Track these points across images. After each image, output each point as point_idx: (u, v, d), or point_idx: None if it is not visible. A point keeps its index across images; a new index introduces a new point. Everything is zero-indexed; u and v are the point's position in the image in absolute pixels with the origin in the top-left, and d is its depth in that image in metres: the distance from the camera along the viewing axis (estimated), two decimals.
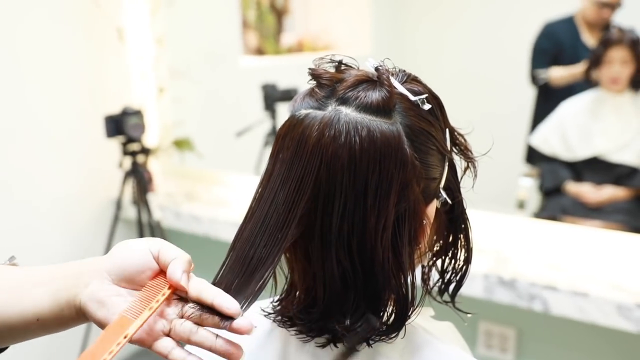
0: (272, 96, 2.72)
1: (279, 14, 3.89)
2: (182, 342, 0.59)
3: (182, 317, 0.59)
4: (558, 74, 2.73)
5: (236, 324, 0.56)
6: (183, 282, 0.58)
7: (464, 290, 1.74)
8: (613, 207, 2.41)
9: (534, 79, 2.83)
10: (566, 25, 2.76)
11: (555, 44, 2.79)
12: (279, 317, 0.65)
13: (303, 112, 0.62)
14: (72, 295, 0.60)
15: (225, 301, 0.56)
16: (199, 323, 0.57)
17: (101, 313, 0.59)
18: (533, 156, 2.77)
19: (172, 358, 0.58)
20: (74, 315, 0.61)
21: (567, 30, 2.74)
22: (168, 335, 0.59)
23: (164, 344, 0.58)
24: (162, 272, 0.61)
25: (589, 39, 2.71)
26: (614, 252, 1.75)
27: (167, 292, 0.59)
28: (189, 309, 0.58)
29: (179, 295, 0.60)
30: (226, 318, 0.56)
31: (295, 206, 0.60)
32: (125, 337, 0.56)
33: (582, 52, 2.70)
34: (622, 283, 1.57)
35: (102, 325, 0.59)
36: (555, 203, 2.53)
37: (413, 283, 0.62)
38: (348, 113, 0.59)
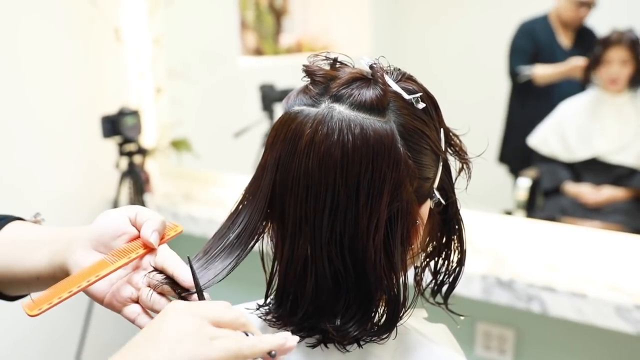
0: (270, 97, 2.71)
1: (278, 14, 3.88)
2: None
3: (148, 285, 0.63)
4: (543, 71, 2.73)
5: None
6: (152, 240, 0.64)
7: (461, 291, 1.74)
8: (612, 207, 2.40)
9: (514, 77, 2.84)
10: (542, 24, 2.77)
11: (533, 43, 2.80)
12: (270, 316, 0.64)
13: (296, 108, 0.61)
14: (63, 260, 0.67)
15: (182, 274, 0.61)
16: (162, 293, 0.62)
17: None
18: (532, 157, 2.77)
19: (138, 324, 0.64)
20: (65, 277, 0.67)
21: (543, 30, 2.76)
22: (136, 302, 0.64)
23: (132, 310, 0.64)
24: (139, 237, 0.67)
25: (564, 40, 2.74)
26: (613, 253, 1.74)
27: (141, 250, 0.65)
28: (154, 279, 0.62)
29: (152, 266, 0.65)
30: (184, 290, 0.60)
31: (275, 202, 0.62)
32: (96, 277, 0.62)
33: (558, 52, 2.74)
34: (620, 284, 1.56)
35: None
36: (554, 203, 2.53)
37: (405, 284, 0.62)
38: (341, 111, 0.59)
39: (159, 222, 0.66)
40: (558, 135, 2.58)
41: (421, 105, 0.62)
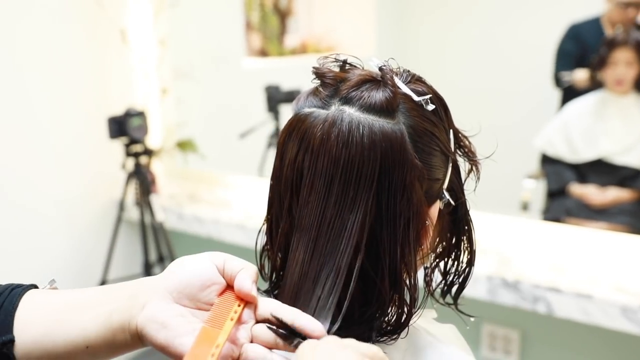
0: (276, 97, 2.72)
1: (283, 15, 3.88)
2: None
3: (251, 341, 0.56)
4: (582, 76, 2.69)
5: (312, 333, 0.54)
6: (254, 293, 0.57)
7: (467, 292, 1.74)
8: (617, 208, 2.40)
9: (558, 82, 2.81)
10: (592, 27, 2.72)
11: (579, 46, 2.75)
12: None
13: (307, 110, 0.61)
14: (126, 318, 0.56)
15: (309, 323, 0.54)
16: (272, 347, 0.55)
17: (162, 335, 0.55)
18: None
19: None
20: (128, 341, 0.57)
21: (592, 32, 2.71)
22: None
23: None
24: (228, 287, 0.59)
25: None
26: (618, 254, 1.74)
27: (239, 307, 0.57)
28: (263, 331, 0.56)
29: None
30: (299, 338, 0.54)
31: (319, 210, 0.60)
32: (217, 347, 0.53)
33: None
34: (626, 285, 1.56)
35: (163, 349, 0.55)
36: (559, 205, 2.52)
37: (415, 284, 0.62)
38: (351, 113, 0.59)
39: (253, 271, 0.59)
40: (563, 136, 2.58)
41: (431, 107, 0.62)
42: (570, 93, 2.77)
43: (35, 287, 0.63)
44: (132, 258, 2.59)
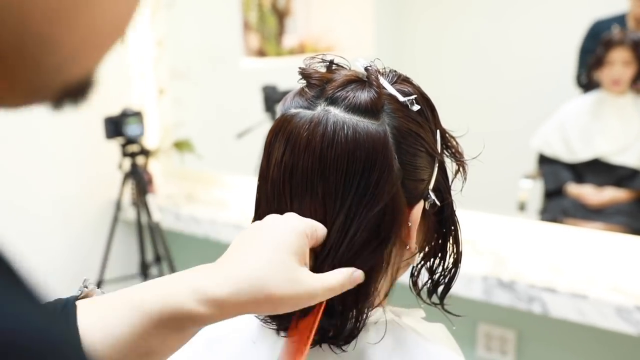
0: (273, 98, 2.72)
1: (281, 15, 3.88)
2: None
3: None
4: None
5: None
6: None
7: (462, 292, 1.74)
8: (614, 209, 2.40)
9: (578, 80, 2.77)
10: (615, 24, 2.69)
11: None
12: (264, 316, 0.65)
13: (293, 111, 0.62)
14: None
15: (353, 277, 0.57)
16: None
17: None
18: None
19: None
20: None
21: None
22: None
23: None
24: None
25: None
26: (614, 254, 1.74)
27: None
28: None
29: None
30: None
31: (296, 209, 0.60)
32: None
33: None
34: (621, 285, 1.56)
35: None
36: (556, 205, 2.52)
37: (380, 281, 0.62)
38: (336, 113, 0.59)
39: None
40: (560, 136, 2.58)
41: (416, 108, 0.62)
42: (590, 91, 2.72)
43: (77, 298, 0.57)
44: (129, 258, 2.59)
